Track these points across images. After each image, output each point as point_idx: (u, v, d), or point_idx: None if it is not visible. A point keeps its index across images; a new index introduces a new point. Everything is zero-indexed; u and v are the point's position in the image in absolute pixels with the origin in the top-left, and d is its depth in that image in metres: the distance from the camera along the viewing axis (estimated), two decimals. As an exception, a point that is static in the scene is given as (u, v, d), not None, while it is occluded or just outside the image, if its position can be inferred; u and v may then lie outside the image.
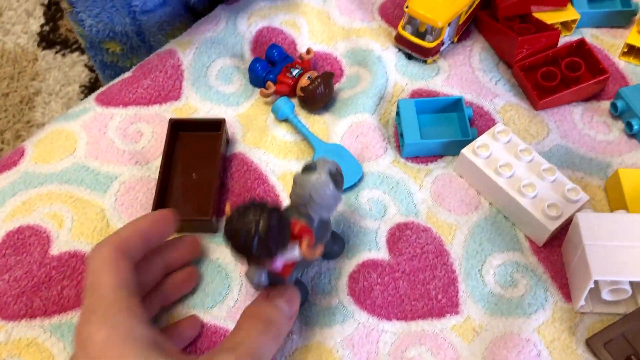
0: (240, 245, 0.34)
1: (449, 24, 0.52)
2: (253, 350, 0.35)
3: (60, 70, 1.36)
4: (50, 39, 1.41)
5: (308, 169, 0.38)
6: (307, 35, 0.56)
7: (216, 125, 0.49)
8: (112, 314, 0.34)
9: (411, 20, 0.53)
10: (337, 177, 0.38)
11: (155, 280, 0.41)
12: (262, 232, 0.33)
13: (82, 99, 1.27)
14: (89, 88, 1.31)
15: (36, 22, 1.43)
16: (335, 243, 0.44)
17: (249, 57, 0.55)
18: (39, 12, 1.46)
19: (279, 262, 0.36)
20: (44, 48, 1.39)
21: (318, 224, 0.38)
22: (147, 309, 0.39)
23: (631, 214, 0.42)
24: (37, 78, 1.35)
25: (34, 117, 1.30)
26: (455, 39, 0.55)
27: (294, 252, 0.36)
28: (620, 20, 0.56)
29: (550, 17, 0.56)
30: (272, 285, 0.38)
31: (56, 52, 1.39)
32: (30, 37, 1.42)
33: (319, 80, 0.50)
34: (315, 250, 0.35)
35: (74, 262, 0.44)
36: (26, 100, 1.33)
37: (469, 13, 0.54)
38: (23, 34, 1.43)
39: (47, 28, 1.43)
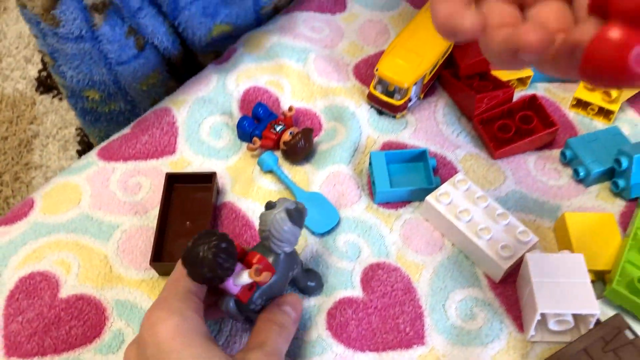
0: (195, 270, 0.39)
1: (415, 84, 0.59)
2: (274, 348, 0.41)
3: (57, 113, 1.42)
4: (47, 84, 1.48)
5: (269, 207, 0.43)
6: (289, 94, 0.62)
7: (208, 178, 0.54)
8: (184, 308, 0.39)
9: (381, 81, 0.59)
10: (294, 214, 0.43)
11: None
12: (210, 256, 0.38)
13: (78, 141, 1.34)
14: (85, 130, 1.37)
15: (34, 68, 1.50)
16: (311, 279, 0.49)
17: (237, 114, 0.61)
18: (37, 58, 1.53)
19: (232, 286, 0.41)
20: (42, 92, 1.45)
21: (284, 257, 0.44)
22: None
23: (573, 254, 0.48)
24: (35, 121, 1.41)
25: (32, 159, 1.36)
26: (422, 96, 0.62)
27: (244, 277, 0.41)
28: (571, 82, 0.63)
29: (507, 74, 0.62)
30: (241, 311, 0.43)
31: (53, 97, 1.45)
32: (28, 83, 1.48)
33: (299, 135, 0.56)
34: (263, 276, 0.40)
35: (81, 305, 0.49)
36: (25, 143, 1.38)
37: (433, 73, 0.61)
38: (22, 80, 1.49)
39: (44, 74, 1.49)
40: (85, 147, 1.37)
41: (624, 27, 0.26)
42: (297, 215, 0.43)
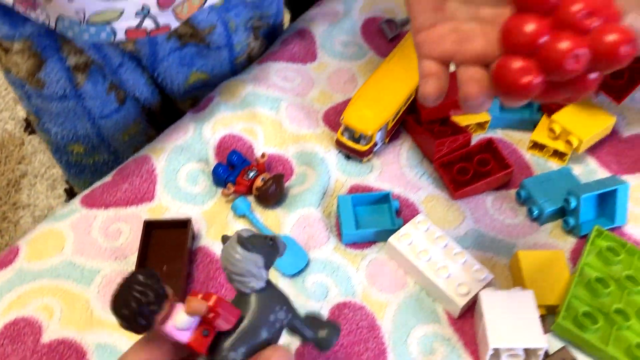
0: (117, 314, 0.34)
1: (379, 130, 0.63)
2: None
3: (45, 153, 1.45)
4: (36, 124, 1.51)
5: (224, 240, 0.39)
6: (262, 141, 0.66)
7: (184, 224, 0.58)
8: None
9: (347, 129, 0.63)
10: (245, 241, 0.38)
11: None
12: (124, 292, 0.34)
13: (65, 180, 1.37)
14: (73, 169, 1.41)
15: (22, 110, 1.53)
16: (320, 327, 0.43)
17: (212, 161, 0.65)
18: (26, 99, 1.57)
19: (175, 331, 0.36)
20: (30, 133, 1.49)
21: (256, 297, 0.38)
22: None
23: (524, 290, 0.51)
24: (24, 161, 1.44)
25: (20, 198, 1.38)
26: (387, 140, 0.66)
27: (181, 315, 0.36)
28: (527, 126, 0.67)
29: (466, 119, 0.67)
30: None
31: (41, 136, 1.48)
32: (17, 123, 1.51)
33: (271, 181, 0.60)
34: (197, 308, 0.35)
35: (62, 349, 0.52)
36: (13, 182, 1.41)
37: (396, 119, 0.65)
38: (10, 120, 1.53)
39: (33, 114, 1.53)
40: (72, 186, 1.40)
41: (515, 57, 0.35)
42: (252, 241, 0.38)
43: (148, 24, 0.56)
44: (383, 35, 0.76)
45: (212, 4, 0.60)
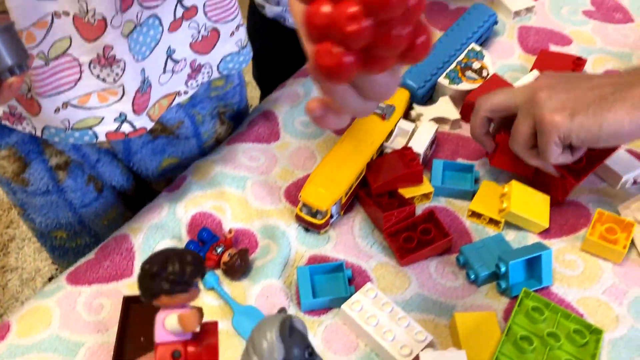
0: (157, 271, 0.39)
1: (333, 205, 0.70)
2: None
3: (32, 217, 1.52)
4: (23, 188, 1.58)
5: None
6: (230, 217, 0.74)
7: (159, 298, 0.64)
8: None
9: (305, 205, 0.71)
10: (287, 333, 0.40)
11: None
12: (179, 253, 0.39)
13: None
14: (59, 231, 1.47)
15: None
16: None
17: (185, 237, 0.72)
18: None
19: (159, 318, 0.40)
20: (18, 197, 1.56)
21: None
22: None
23: (458, 351, 0.58)
24: (12, 225, 1.50)
25: (9, 262, 1.44)
26: (342, 213, 0.74)
27: (172, 320, 0.39)
28: (466, 196, 0.75)
29: (412, 191, 0.75)
30: None
31: (29, 200, 1.55)
32: (5, 188, 1.58)
33: (236, 256, 0.67)
34: (184, 325, 0.39)
35: (50, 417, 0.58)
36: (1, 246, 1.47)
37: (349, 194, 0.73)
38: (-1, 186, 1.60)
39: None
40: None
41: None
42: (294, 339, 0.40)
43: (126, 127, 0.65)
44: (339, 114, 0.85)
45: (179, 102, 0.69)
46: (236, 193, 0.76)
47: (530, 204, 0.70)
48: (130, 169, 0.77)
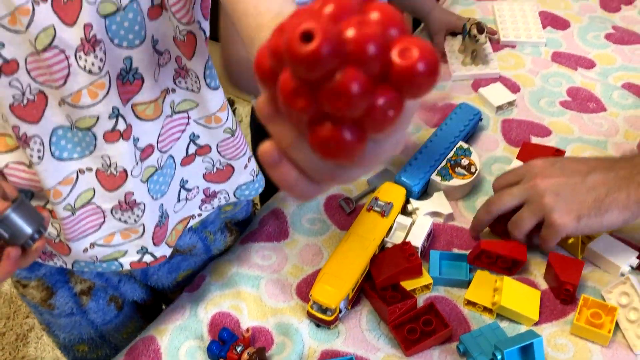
0: None
1: (342, 300, 0.77)
2: None
3: (51, 305, 1.58)
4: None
5: None
6: (247, 315, 0.80)
7: (186, 398, 0.70)
8: None
9: (315, 303, 0.77)
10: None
11: None
12: None
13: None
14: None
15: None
16: None
17: (207, 337, 0.78)
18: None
19: None
20: (36, 286, 1.62)
21: None
22: None
23: None
24: (31, 315, 1.56)
25: (28, 352, 1.49)
26: (349, 307, 0.80)
27: None
28: (463, 285, 0.82)
29: (413, 283, 0.81)
30: None
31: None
32: (24, 278, 1.65)
33: (255, 355, 0.73)
34: None
35: None
36: (21, 337, 1.52)
37: (355, 289, 0.80)
38: (18, 276, 1.66)
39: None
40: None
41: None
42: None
43: (147, 258, 0.73)
44: (342, 211, 0.93)
45: (192, 224, 0.77)
46: (251, 292, 0.82)
47: (520, 298, 0.76)
48: (148, 285, 0.85)
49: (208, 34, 0.64)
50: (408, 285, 0.81)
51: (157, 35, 0.62)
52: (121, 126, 0.63)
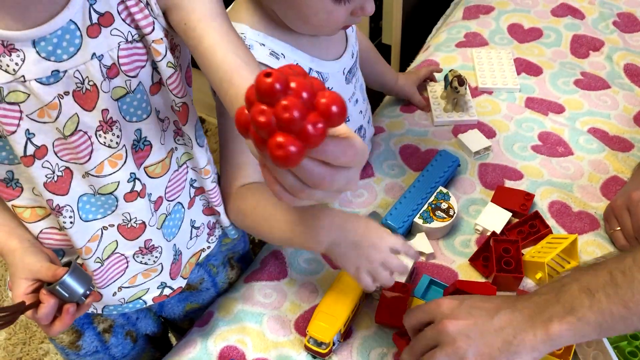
0: None
1: (335, 335, 0.87)
2: None
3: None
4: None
5: None
6: (251, 348, 0.90)
7: None
8: None
9: (311, 337, 0.88)
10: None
11: None
12: None
13: None
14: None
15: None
16: None
17: (216, 369, 0.89)
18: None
19: None
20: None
21: None
22: None
23: None
24: (45, 340, 1.65)
25: (44, 375, 1.58)
26: (342, 339, 0.91)
27: None
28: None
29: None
30: None
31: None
32: (38, 305, 1.75)
33: (259, 385, 0.83)
34: None
35: None
36: (36, 361, 1.61)
37: (347, 324, 0.90)
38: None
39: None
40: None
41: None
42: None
43: (166, 291, 0.83)
44: (335, 250, 1.03)
45: (205, 255, 0.88)
46: (255, 327, 0.93)
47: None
48: (160, 317, 0.96)
49: (192, 99, 0.76)
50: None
51: (158, 107, 0.73)
52: (138, 187, 0.74)
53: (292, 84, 0.42)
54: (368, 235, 0.74)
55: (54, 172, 0.69)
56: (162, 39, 0.67)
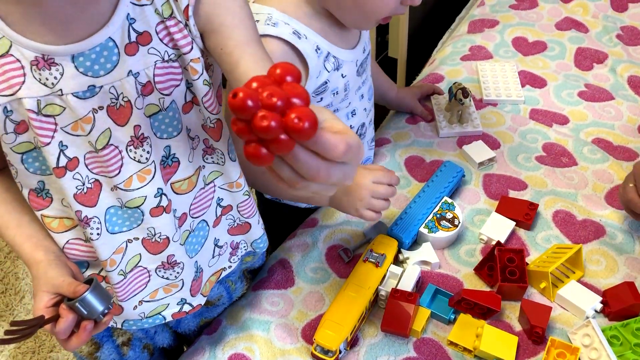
0: None
1: (341, 344, 0.89)
2: None
3: (73, 340, 1.69)
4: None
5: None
6: (259, 356, 0.92)
7: None
8: None
9: (318, 345, 0.89)
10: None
11: None
12: None
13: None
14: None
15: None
16: None
17: (224, 376, 0.90)
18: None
19: None
20: (59, 322, 1.74)
21: None
22: None
23: None
24: (54, 349, 1.67)
25: (53, 385, 1.60)
26: (348, 348, 0.92)
27: None
28: (444, 321, 0.94)
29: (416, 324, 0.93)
30: None
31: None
32: (47, 314, 1.77)
33: (266, 392, 0.85)
34: None
35: None
36: (46, 370, 1.63)
37: (353, 333, 0.91)
38: (41, 312, 1.78)
39: (61, 304, 1.79)
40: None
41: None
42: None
43: (186, 308, 0.85)
44: (342, 260, 1.05)
45: (225, 274, 0.89)
46: (262, 335, 0.94)
47: (498, 343, 0.88)
48: (176, 332, 0.97)
49: (224, 116, 0.78)
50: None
51: (189, 125, 0.75)
52: (164, 202, 0.75)
53: (263, 95, 0.44)
54: None
55: (84, 184, 0.70)
56: (199, 58, 0.69)
